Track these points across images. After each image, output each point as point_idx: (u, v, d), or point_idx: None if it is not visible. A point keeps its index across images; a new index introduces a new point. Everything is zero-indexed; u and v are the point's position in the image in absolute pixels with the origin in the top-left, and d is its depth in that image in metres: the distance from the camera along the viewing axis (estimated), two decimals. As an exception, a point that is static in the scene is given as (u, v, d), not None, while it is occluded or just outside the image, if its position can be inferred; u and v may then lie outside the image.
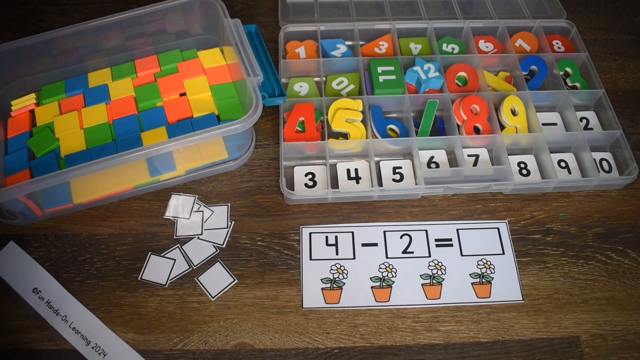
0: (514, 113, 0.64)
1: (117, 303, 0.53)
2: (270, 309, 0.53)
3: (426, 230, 0.58)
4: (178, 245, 0.56)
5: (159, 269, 0.55)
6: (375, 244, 0.57)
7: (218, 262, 0.55)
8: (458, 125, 0.63)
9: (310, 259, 0.56)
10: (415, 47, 0.71)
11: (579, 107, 0.67)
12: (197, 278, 0.54)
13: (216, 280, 0.54)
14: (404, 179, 0.60)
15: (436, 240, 0.58)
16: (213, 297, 0.53)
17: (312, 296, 0.54)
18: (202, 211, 0.58)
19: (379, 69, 0.66)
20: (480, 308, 0.54)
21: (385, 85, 0.65)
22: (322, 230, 0.58)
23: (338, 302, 0.53)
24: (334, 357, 0.51)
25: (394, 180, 0.60)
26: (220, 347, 0.51)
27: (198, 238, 0.57)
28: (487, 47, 0.71)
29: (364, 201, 0.60)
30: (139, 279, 0.54)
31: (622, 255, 0.57)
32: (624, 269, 0.56)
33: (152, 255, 0.55)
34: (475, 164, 0.62)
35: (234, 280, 0.54)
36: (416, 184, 0.60)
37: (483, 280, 0.55)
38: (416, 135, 0.62)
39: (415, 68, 0.66)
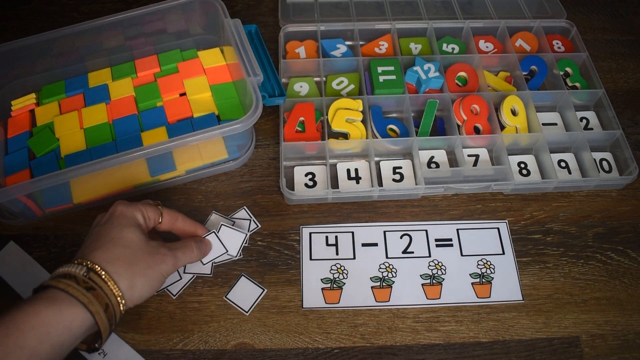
0: (514, 113, 0.64)
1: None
2: (270, 309, 0.53)
3: (426, 230, 0.58)
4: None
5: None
6: (376, 244, 0.57)
7: (243, 276, 0.54)
8: (458, 125, 0.63)
9: (310, 259, 0.56)
10: (415, 47, 0.71)
11: (579, 107, 0.67)
12: (225, 297, 0.53)
13: (245, 294, 0.53)
14: (404, 179, 0.60)
15: (436, 240, 0.58)
16: (247, 312, 0.53)
17: (312, 296, 0.54)
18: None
19: (379, 69, 0.66)
20: (480, 308, 0.54)
21: (385, 85, 0.65)
22: (322, 230, 0.58)
23: (338, 302, 0.53)
24: (334, 357, 0.51)
25: (394, 180, 0.60)
26: (220, 347, 0.51)
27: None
28: (487, 47, 0.71)
29: (364, 201, 0.60)
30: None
31: (622, 255, 0.57)
32: (624, 269, 0.56)
33: None
34: (475, 164, 0.62)
35: (263, 290, 0.54)
36: (416, 184, 0.60)
37: (483, 280, 0.55)
38: (416, 135, 0.62)
39: (415, 68, 0.66)
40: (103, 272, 0.42)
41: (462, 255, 0.57)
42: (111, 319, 0.42)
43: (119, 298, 0.42)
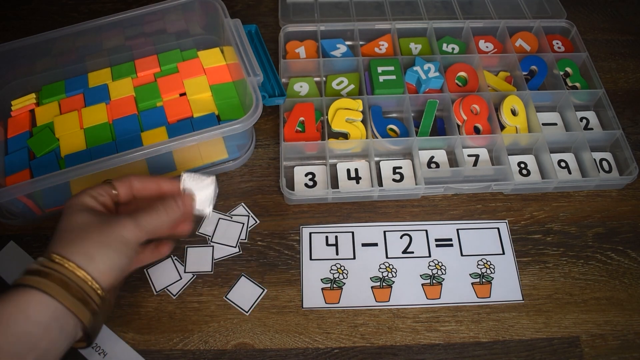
0: (514, 113, 0.64)
1: (117, 303, 0.53)
2: (270, 309, 0.53)
3: (426, 230, 0.58)
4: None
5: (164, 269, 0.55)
6: (376, 244, 0.57)
7: (243, 276, 0.54)
8: (458, 125, 0.63)
9: (310, 259, 0.56)
10: (415, 47, 0.71)
11: (579, 107, 0.67)
12: (225, 297, 0.53)
13: (245, 294, 0.53)
14: (404, 179, 0.60)
15: (436, 240, 0.58)
16: (247, 312, 0.53)
17: (312, 296, 0.54)
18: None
19: (379, 69, 0.66)
20: (480, 308, 0.54)
21: (386, 85, 0.65)
22: (322, 230, 0.58)
23: (338, 302, 0.53)
24: (334, 357, 0.51)
25: (394, 180, 0.60)
26: (220, 347, 0.51)
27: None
28: (487, 47, 0.71)
29: (364, 201, 0.60)
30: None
31: (622, 255, 0.57)
32: (624, 269, 0.56)
33: None
34: (475, 164, 0.62)
35: (263, 290, 0.54)
36: (416, 184, 0.60)
37: (483, 280, 0.55)
38: (416, 135, 0.62)
39: (415, 68, 0.66)
40: (55, 256, 0.40)
41: (462, 255, 0.57)
42: (84, 298, 0.39)
43: (78, 272, 0.39)
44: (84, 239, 0.41)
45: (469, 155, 0.62)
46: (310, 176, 0.60)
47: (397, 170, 0.61)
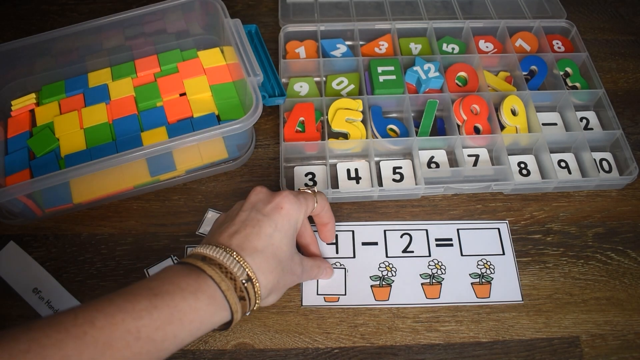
0: (514, 113, 0.64)
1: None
2: (270, 308, 0.53)
3: (426, 230, 0.58)
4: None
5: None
6: (375, 243, 0.57)
7: None
8: (458, 125, 0.63)
9: (310, 258, 0.56)
10: (415, 47, 0.71)
11: (579, 107, 0.67)
12: None
13: None
14: (404, 179, 0.60)
15: (436, 240, 0.58)
16: (247, 312, 0.53)
17: (312, 296, 0.54)
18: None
19: (379, 69, 0.66)
20: (480, 308, 0.54)
21: (385, 85, 0.65)
22: (322, 230, 0.58)
23: (338, 302, 0.53)
24: (334, 357, 0.51)
25: (394, 180, 0.60)
26: (220, 347, 0.51)
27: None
28: (487, 47, 0.71)
29: (364, 201, 0.60)
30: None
31: (622, 255, 0.57)
32: (624, 269, 0.56)
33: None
34: (475, 164, 0.62)
35: None
36: (416, 184, 0.60)
37: (483, 280, 0.55)
38: (416, 135, 0.62)
39: (415, 68, 0.66)
40: (257, 285, 0.42)
41: (462, 255, 0.57)
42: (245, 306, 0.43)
43: (255, 307, 0.43)
44: (278, 281, 0.44)
45: (469, 155, 0.62)
46: (310, 176, 0.60)
47: (397, 170, 0.61)
